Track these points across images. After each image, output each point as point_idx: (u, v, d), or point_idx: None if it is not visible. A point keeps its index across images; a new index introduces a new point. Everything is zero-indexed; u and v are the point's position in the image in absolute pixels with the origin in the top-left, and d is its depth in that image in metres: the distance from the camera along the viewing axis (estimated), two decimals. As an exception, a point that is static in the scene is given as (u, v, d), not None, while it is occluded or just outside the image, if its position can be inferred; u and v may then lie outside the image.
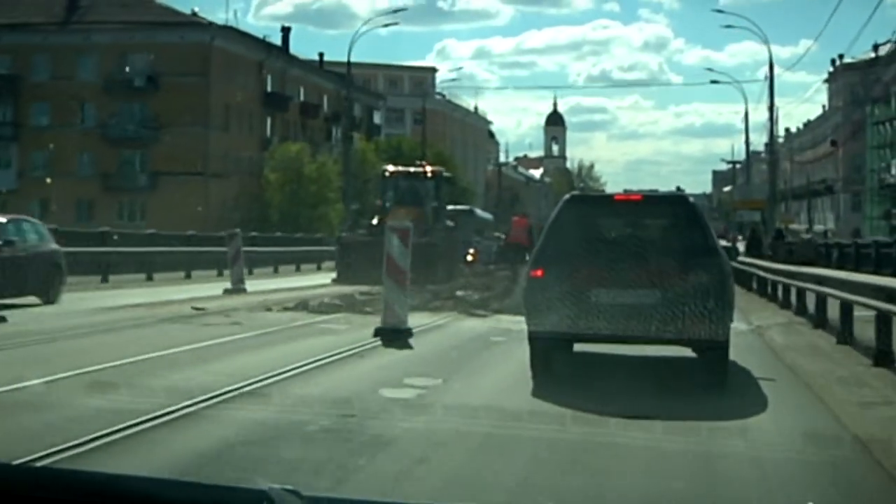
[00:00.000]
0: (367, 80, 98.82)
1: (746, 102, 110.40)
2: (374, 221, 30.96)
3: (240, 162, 65.30)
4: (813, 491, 6.41)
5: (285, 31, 77.59)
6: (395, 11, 56.25)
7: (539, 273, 10.79)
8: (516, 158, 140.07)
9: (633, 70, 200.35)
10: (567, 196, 12.53)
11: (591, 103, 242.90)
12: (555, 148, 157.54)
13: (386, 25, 58.69)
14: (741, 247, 43.70)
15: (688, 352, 11.28)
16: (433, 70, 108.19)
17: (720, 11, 44.29)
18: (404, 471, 6.57)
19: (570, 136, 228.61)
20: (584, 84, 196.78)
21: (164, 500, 2.71)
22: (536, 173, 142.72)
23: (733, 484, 6.65)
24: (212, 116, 62.42)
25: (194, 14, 64.50)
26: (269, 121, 70.49)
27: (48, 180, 55.95)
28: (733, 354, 11.13)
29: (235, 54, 65.80)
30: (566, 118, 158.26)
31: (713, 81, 65.84)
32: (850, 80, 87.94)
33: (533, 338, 10.78)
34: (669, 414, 8.47)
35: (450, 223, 33.09)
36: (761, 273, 26.73)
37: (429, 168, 33.53)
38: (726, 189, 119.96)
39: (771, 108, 50.01)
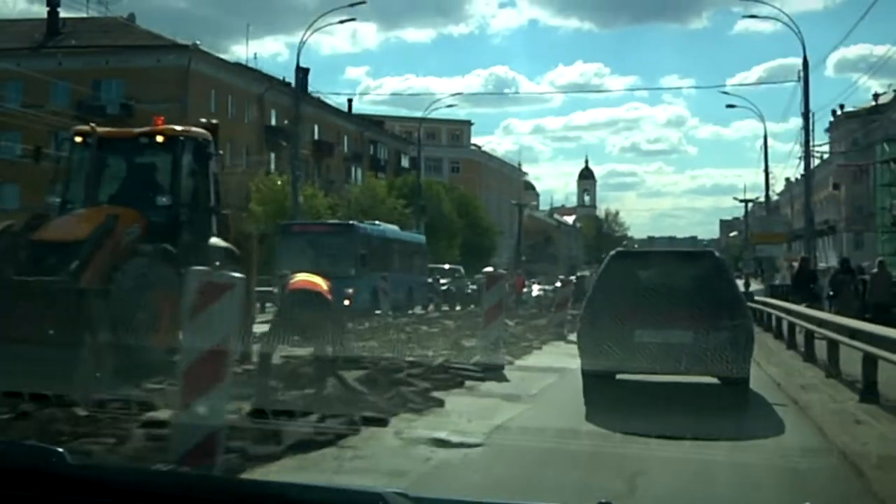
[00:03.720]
0: (408, 132, 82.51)
1: (765, 125, 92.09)
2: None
3: (229, 195, 46.34)
4: None
5: (304, 73, 59.10)
6: (353, 5, 37.38)
7: (590, 317, 9.73)
8: (553, 208, 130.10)
9: (657, 142, 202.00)
10: (613, 252, 11.13)
11: (623, 168, 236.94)
12: (586, 199, 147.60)
13: (343, 21, 40.82)
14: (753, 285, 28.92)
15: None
16: (469, 123, 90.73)
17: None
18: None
19: (607, 194, 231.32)
20: (618, 153, 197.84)
21: (286, 501, 2.24)
22: (570, 219, 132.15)
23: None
24: (193, 146, 43.84)
25: (195, 45, 46.24)
26: (272, 156, 51.55)
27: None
28: None
29: (226, 83, 47.69)
30: (604, 180, 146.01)
31: (729, 106, 47.46)
32: (850, 128, 71.02)
33: (586, 373, 9.61)
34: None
35: (225, 244, 12.50)
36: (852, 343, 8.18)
37: (164, 127, 12.03)
38: (732, 234, 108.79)
39: (806, 114, 31.86)
